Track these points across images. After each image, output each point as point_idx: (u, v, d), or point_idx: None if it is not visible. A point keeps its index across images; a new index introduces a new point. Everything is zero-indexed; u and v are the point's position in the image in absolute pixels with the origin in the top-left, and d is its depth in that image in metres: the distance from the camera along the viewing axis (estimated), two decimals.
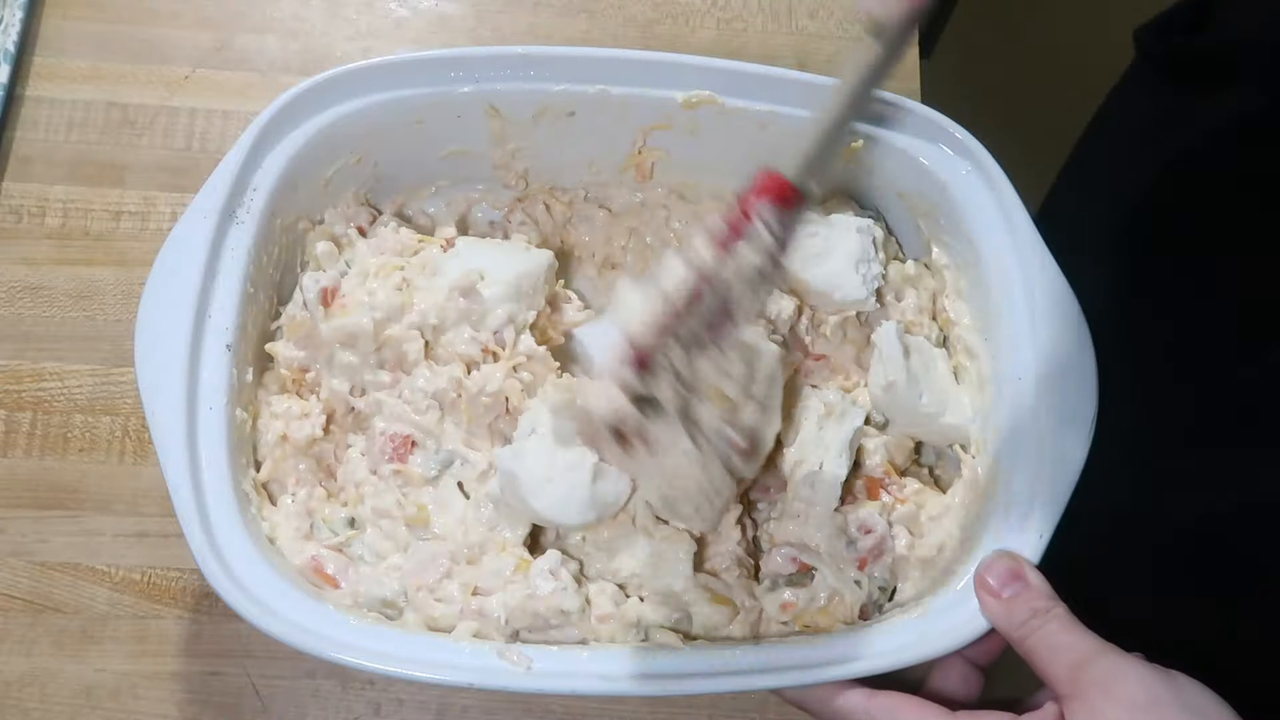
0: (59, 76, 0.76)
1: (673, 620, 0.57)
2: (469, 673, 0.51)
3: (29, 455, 0.67)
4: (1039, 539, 0.54)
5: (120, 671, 0.63)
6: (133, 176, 0.74)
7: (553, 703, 0.63)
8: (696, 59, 0.64)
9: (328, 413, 0.61)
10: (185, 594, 0.64)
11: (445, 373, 0.60)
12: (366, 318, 0.59)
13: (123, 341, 0.69)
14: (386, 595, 0.56)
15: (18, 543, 0.65)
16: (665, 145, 0.67)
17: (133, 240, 0.72)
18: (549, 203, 0.70)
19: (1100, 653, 0.48)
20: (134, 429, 0.68)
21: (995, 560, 0.53)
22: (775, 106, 0.64)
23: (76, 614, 0.64)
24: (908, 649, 0.53)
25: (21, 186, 0.73)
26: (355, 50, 0.79)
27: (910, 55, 0.80)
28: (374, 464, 0.60)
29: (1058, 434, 0.56)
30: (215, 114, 0.76)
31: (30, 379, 0.68)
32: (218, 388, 0.56)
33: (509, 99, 0.64)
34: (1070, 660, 0.48)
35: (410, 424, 0.59)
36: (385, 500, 0.59)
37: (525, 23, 0.81)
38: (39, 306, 0.70)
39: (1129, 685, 0.46)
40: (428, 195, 0.70)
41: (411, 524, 0.58)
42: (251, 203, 0.60)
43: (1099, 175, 0.82)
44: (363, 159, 0.66)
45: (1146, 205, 0.72)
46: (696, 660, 0.53)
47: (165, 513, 0.62)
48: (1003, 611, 0.51)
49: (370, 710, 0.63)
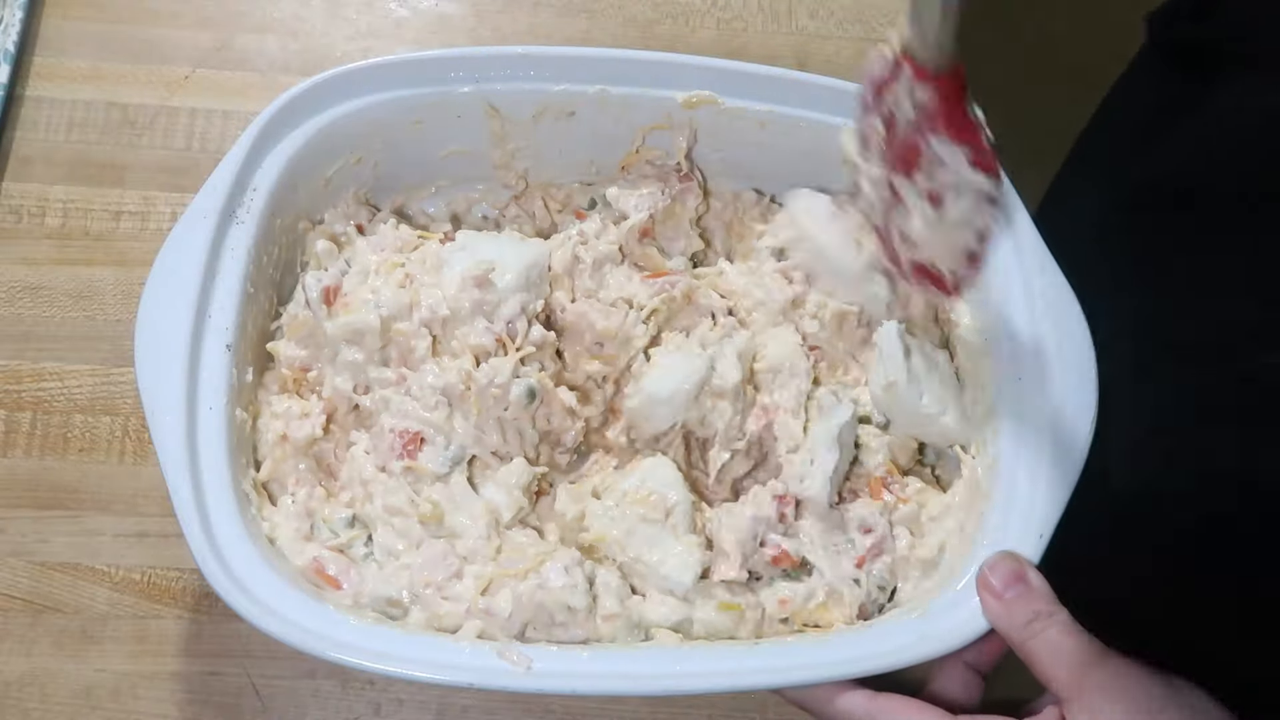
0: (59, 76, 0.76)
1: (674, 621, 0.57)
2: (469, 673, 0.51)
3: (29, 455, 0.67)
4: (1039, 539, 0.54)
5: (120, 671, 0.63)
6: (133, 176, 0.74)
7: (553, 702, 0.63)
8: (696, 59, 0.64)
9: (328, 412, 0.61)
10: (185, 594, 0.64)
11: (454, 367, 0.60)
12: (373, 314, 0.59)
13: (123, 341, 0.69)
14: (392, 594, 0.56)
15: (18, 543, 0.65)
16: (665, 145, 0.67)
17: (133, 240, 0.72)
18: (546, 199, 0.70)
19: (1102, 658, 0.48)
20: (134, 429, 0.68)
21: (999, 561, 0.53)
22: (775, 106, 0.64)
23: (76, 614, 0.64)
24: (908, 649, 0.52)
25: (21, 186, 0.73)
26: (355, 50, 0.79)
27: None
28: (383, 461, 0.60)
29: (1058, 433, 0.56)
30: (215, 114, 0.76)
31: (30, 379, 0.68)
32: (218, 388, 0.56)
33: (509, 99, 0.64)
34: (1072, 664, 0.48)
35: (419, 420, 0.59)
36: (397, 498, 0.59)
37: (525, 23, 0.81)
38: (39, 306, 0.70)
39: (1129, 689, 0.46)
40: (428, 195, 0.70)
41: (425, 521, 0.58)
42: (251, 203, 0.60)
43: (1105, 162, 0.81)
44: (363, 159, 0.66)
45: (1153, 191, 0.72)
46: (696, 660, 0.53)
47: (165, 513, 0.62)
48: (1004, 613, 0.51)
49: (370, 710, 0.63)
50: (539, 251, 0.63)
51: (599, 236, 0.66)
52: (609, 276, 0.65)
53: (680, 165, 0.68)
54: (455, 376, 0.59)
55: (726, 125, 0.65)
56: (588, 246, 0.65)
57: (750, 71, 0.64)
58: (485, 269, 0.61)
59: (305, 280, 0.62)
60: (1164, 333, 0.69)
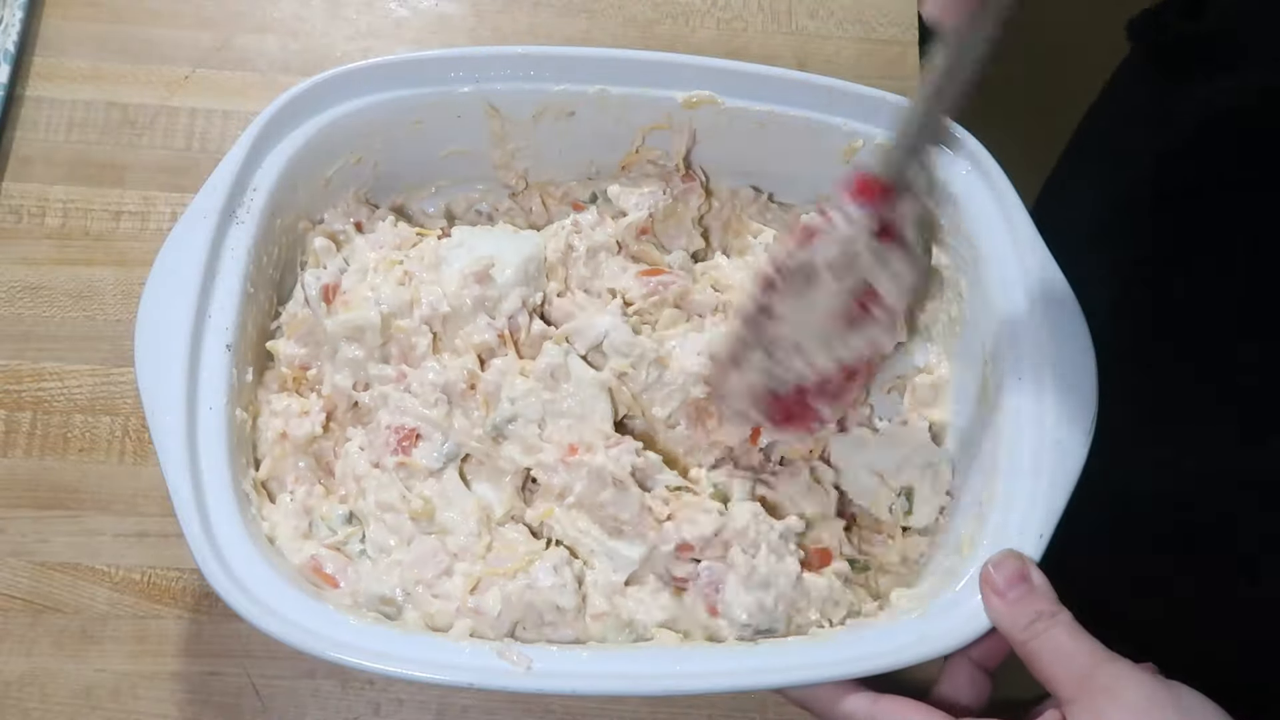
0: (59, 76, 0.76)
1: (663, 620, 0.57)
2: (469, 673, 0.51)
3: (29, 455, 0.67)
4: (1039, 539, 0.54)
5: (120, 671, 0.63)
6: (133, 176, 0.74)
7: (553, 703, 0.63)
8: (696, 59, 0.64)
9: (328, 410, 0.61)
10: (185, 594, 0.64)
11: (456, 365, 0.60)
12: (374, 311, 0.60)
13: (123, 341, 0.69)
14: (385, 592, 0.56)
15: (18, 543, 0.65)
16: (665, 145, 0.67)
17: (133, 240, 0.72)
18: (545, 197, 0.70)
19: (1105, 660, 0.48)
20: (134, 429, 0.68)
21: (1004, 560, 0.52)
22: (775, 106, 0.64)
23: (76, 614, 0.64)
24: (908, 649, 0.52)
25: (21, 186, 0.73)
26: (355, 50, 0.79)
27: (910, 55, 0.80)
28: (377, 457, 0.60)
29: (1058, 434, 0.56)
30: (215, 114, 0.76)
31: (30, 379, 0.68)
32: (218, 388, 0.56)
33: (509, 99, 0.64)
34: (1076, 666, 0.48)
35: (417, 417, 0.59)
36: (389, 493, 0.59)
37: (525, 23, 0.81)
38: (39, 306, 0.70)
39: (1133, 692, 0.46)
40: (428, 195, 0.70)
41: (416, 517, 0.58)
42: (251, 203, 0.60)
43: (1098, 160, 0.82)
44: (363, 159, 0.66)
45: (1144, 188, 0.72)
46: (696, 660, 0.53)
47: (165, 513, 0.62)
48: (1007, 613, 0.51)
49: (370, 710, 0.63)
50: (535, 244, 0.64)
51: (595, 228, 0.66)
52: (604, 266, 0.65)
53: (680, 167, 0.68)
54: (456, 373, 0.60)
55: (726, 125, 0.65)
56: (582, 235, 0.65)
57: (750, 71, 0.64)
58: (485, 265, 0.61)
59: (304, 278, 0.62)
60: (1162, 329, 0.69)
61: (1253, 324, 0.64)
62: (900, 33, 0.81)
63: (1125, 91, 0.80)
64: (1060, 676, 0.48)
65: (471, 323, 0.61)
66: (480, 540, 0.58)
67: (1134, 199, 0.73)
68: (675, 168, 0.68)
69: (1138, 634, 0.52)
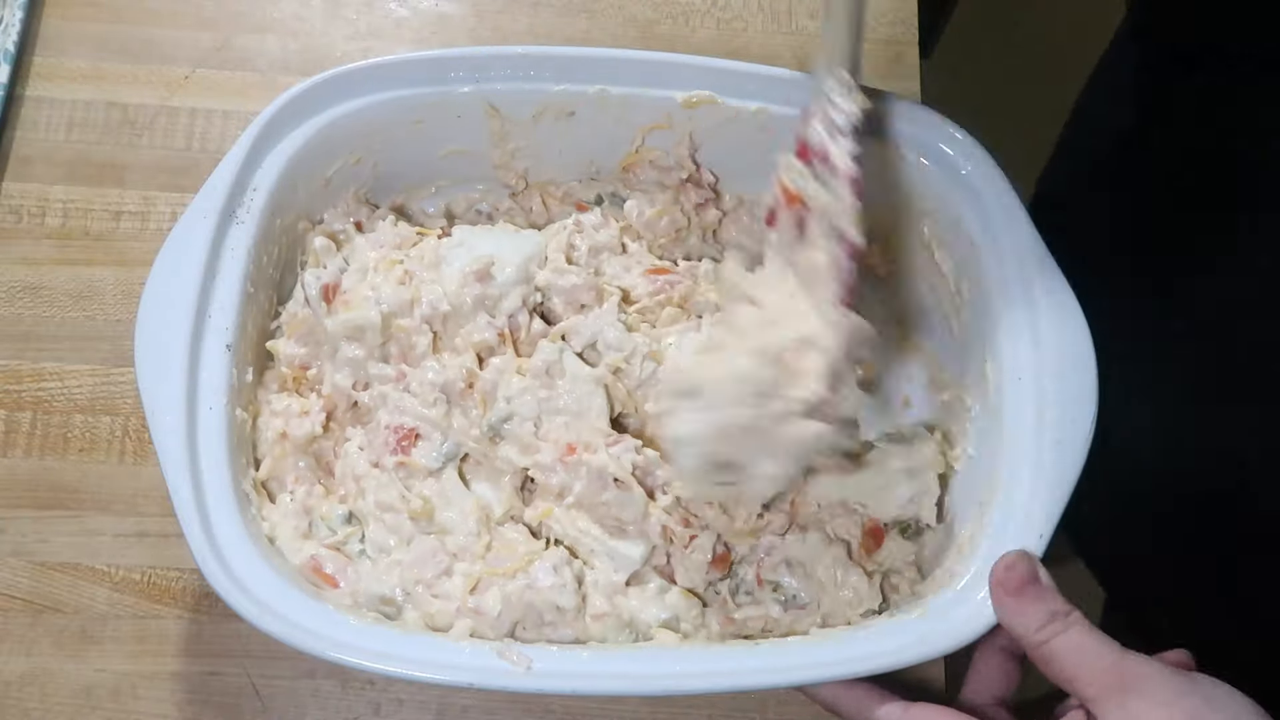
0: (59, 76, 0.76)
1: (663, 620, 0.57)
2: (469, 673, 0.51)
3: (29, 455, 0.67)
4: (1039, 539, 0.54)
5: (120, 671, 0.63)
6: (133, 176, 0.74)
7: (553, 703, 0.63)
8: (696, 59, 0.64)
9: (328, 409, 0.61)
10: (185, 594, 0.64)
11: (455, 364, 0.60)
12: (374, 311, 0.60)
13: (123, 341, 0.69)
14: (385, 592, 0.56)
15: (18, 543, 0.65)
16: (665, 145, 0.67)
17: (133, 240, 0.72)
18: (545, 197, 0.70)
19: (1126, 656, 0.47)
20: (134, 429, 0.68)
21: (1015, 561, 0.52)
22: (775, 106, 0.64)
23: (76, 614, 0.64)
24: (908, 649, 0.52)
25: (21, 186, 0.73)
26: (355, 50, 0.79)
27: (910, 55, 0.80)
28: (376, 457, 0.60)
29: (1058, 433, 0.56)
30: (215, 114, 0.76)
31: (30, 379, 0.68)
32: (218, 388, 0.56)
33: (509, 99, 0.64)
34: (1098, 663, 0.47)
35: (416, 416, 0.60)
36: (388, 493, 0.59)
37: (525, 23, 0.81)
38: (39, 306, 0.70)
39: (1160, 686, 0.46)
40: (428, 195, 0.70)
41: (416, 517, 0.58)
42: (251, 203, 0.60)
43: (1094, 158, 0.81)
44: (363, 159, 0.66)
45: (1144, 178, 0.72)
46: (696, 660, 0.53)
47: (165, 513, 0.62)
48: (1020, 613, 0.50)
49: (370, 710, 0.63)
50: (536, 243, 0.64)
51: (598, 230, 0.66)
52: (605, 265, 0.65)
53: (692, 175, 0.67)
54: (456, 373, 0.60)
55: (726, 125, 0.65)
56: (584, 235, 0.65)
57: (750, 71, 0.64)
58: (486, 264, 0.61)
59: (304, 278, 0.62)
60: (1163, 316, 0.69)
61: (1258, 309, 0.63)
62: (900, 33, 0.81)
63: (1114, 87, 0.80)
64: (1083, 676, 0.47)
65: (472, 322, 0.61)
66: (480, 540, 0.58)
67: (1130, 192, 0.73)
68: (688, 178, 0.68)
69: (1149, 630, 0.52)
